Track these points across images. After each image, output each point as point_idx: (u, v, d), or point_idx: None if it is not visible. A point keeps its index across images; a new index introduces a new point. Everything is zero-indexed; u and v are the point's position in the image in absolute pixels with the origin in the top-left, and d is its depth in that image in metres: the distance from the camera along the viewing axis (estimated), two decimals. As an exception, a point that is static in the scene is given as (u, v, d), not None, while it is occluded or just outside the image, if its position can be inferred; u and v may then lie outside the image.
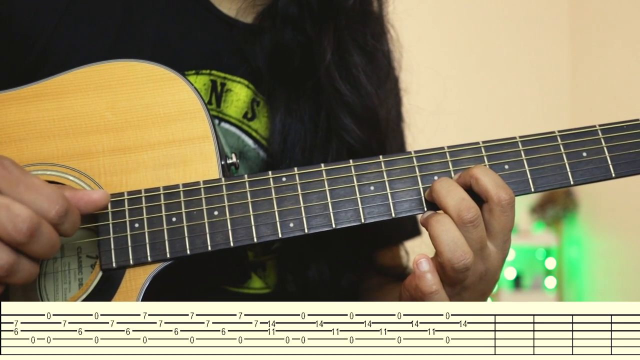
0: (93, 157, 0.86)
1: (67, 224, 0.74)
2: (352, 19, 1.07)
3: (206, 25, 1.06)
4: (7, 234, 0.70)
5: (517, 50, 4.35)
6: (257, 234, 0.83)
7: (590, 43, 4.28)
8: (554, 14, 4.45)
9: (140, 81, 0.88)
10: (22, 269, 0.73)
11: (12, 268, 0.71)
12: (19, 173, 0.73)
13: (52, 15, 0.98)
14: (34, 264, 0.74)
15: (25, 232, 0.70)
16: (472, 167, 0.84)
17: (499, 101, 4.30)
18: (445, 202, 0.81)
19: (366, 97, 1.07)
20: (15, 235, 0.70)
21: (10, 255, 0.71)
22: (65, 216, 0.73)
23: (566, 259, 4.22)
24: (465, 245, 0.80)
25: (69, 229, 0.75)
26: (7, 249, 0.71)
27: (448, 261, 0.80)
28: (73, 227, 0.75)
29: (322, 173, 0.85)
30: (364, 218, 0.84)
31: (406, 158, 0.86)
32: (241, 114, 1.06)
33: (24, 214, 0.70)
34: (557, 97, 4.40)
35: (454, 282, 0.82)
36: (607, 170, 0.86)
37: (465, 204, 0.81)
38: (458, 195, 0.81)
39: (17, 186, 0.72)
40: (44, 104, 0.87)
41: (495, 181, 0.82)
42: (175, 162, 0.86)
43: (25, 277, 0.73)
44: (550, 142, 0.87)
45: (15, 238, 0.70)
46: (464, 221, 0.80)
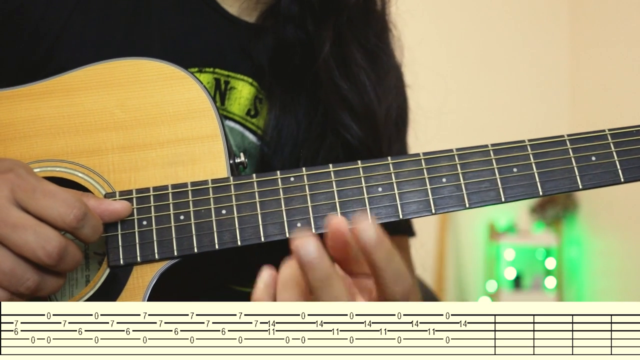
0: (102, 155, 0.86)
1: (87, 228, 0.75)
2: (355, 16, 1.08)
3: (210, 23, 1.06)
4: (36, 258, 0.72)
5: (517, 50, 4.35)
6: (265, 233, 0.83)
7: (590, 43, 4.28)
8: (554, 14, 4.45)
9: (150, 79, 0.88)
10: (49, 285, 0.75)
11: (38, 287, 0.73)
12: (34, 180, 0.73)
13: (61, 12, 0.98)
14: (61, 278, 0.76)
15: (56, 257, 0.72)
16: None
17: (499, 101, 4.29)
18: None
19: (364, 94, 1.07)
20: (46, 259, 0.72)
21: (34, 276, 0.73)
22: (83, 219, 0.74)
23: (566, 259, 4.23)
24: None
25: (90, 233, 0.76)
26: (32, 270, 0.73)
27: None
28: (94, 231, 0.76)
29: (331, 174, 0.85)
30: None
31: (415, 160, 0.86)
32: (244, 111, 1.07)
33: (54, 240, 0.72)
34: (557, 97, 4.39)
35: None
36: (615, 175, 0.86)
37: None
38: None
39: (34, 193, 0.72)
40: (54, 101, 0.87)
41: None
42: (183, 161, 0.86)
43: (51, 291, 0.76)
44: (559, 146, 0.87)
45: (44, 262, 0.72)
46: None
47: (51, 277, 0.75)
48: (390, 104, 1.14)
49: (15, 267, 0.72)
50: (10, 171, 0.74)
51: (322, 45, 1.04)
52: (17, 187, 0.72)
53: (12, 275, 0.72)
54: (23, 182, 0.73)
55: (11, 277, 0.72)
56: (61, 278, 0.76)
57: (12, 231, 0.71)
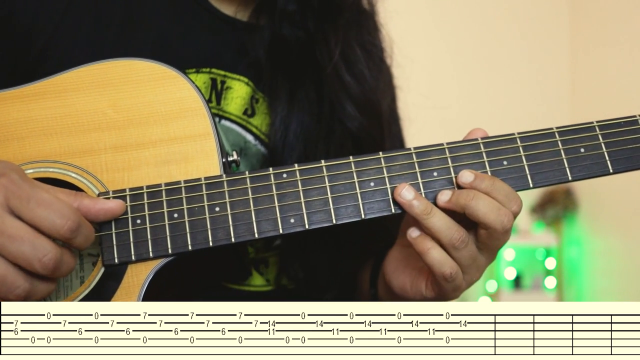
0: (95, 155, 0.86)
1: (80, 237, 0.75)
2: (351, 16, 1.10)
3: (205, 24, 1.07)
4: (32, 268, 0.72)
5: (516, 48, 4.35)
6: (258, 230, 0.83)
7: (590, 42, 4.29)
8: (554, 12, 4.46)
9: (141, 79, 0.89)
10: (40, 291, 0.75)
11: (28, 294, 0.73)
12: (28, 188, 0.73)
13: (53, 14, 0.99)
14: (52, 283, 0.76)
15: (51, 268, 0.72)
16: (462, 192, 0.84)
17: (497, 98, 4.29)
18: (432, 227, 0.84)
19: (369, 90, 1.09)
20: (41, 271, 0.72)
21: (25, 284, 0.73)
22: (77, 231, 0.74)
23: (566, 259, 4.22)
24: (452, 261, 0.84)
25: (82, 242, 0.76)
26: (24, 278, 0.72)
27: (439, 275, 0.84)
28: (86, 240, 0.76)
29: (323, 169, 0.86)
30: (364, 214, 0.85)
31: (406, 154, 0.87)
32: (241, 110, 1.07)
33: (50, 252, 0.72)
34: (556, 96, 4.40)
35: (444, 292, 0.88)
36: (604, 166, 0.87)
37: (452, 232, 0.83)
38: (444, 224, 0.83)
39: (28, 202, 0.72)
40: (46, 102, 0.88)
41: (490, 208, 0.83)
42: (176, 159, 0.87)
43: (42, 297, 0.75)
44: (548, 139, 0.88)
45: (40, 272, 0.72)
46: (455, 246, 0.83)
47: (42, 283, 0.74)
48: (386, 97, 1.16)
49: (7, 274, 0.71)
50: (3, 176, 0.73)
51: (332, 51, 1.06)
52: (12, 194, 0.72)
53: (2, 283, 0.71)
54: (17, 189, 0.72)
55: (1, 285, 0.71)
56: (52, 283, 0.76)
57: (9, 242, 0.71)
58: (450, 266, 0.83)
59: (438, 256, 0.83)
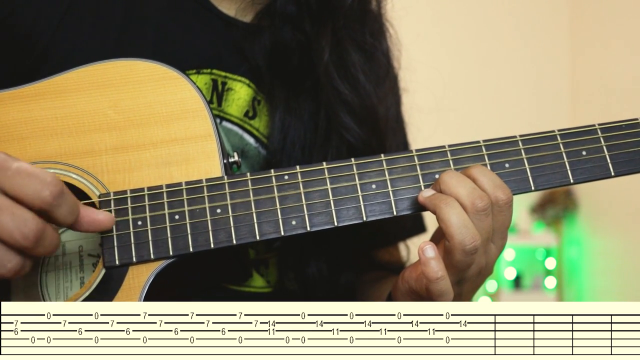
0: (96, 155, 0.86)
1: (64, 207, 0.73)
2: (351, 18, 1.08)
3: (206, 25, 1.07)
4: (14, 240, 0.70)
5: (517, 49, 4.35)
6: (260, 232, 0.83)
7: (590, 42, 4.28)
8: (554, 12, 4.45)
9: (142, 80, 0.88)
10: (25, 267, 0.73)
11: (21, 270, 0.72)
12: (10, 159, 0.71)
13: (53, 15, 0.98)
14: (32, 261, 0.74)
15: (32, 239, 0.70)
16: (469, 166, 0.85)
17: (499, 100, 4.30)
18: (457, 191, 0.82)
19: (365, 96, 1.07)
20: (22, 241, 0.70)
21: (16, 258, 0.71)
22: (60, 197, 0.72)
23: (566, 259, 4.22)
24: (474, 228, 0.81)
25: (66, 213, 0.74)
26: (13, 253, 0.71)
27: (459, 243, 0.80)
28: (71, 211, 0.74)
29: (324, 171, 0.86)
30: (365, 216, 0.85)
31: (407, 157, 0.86)
32: (242, 112, 1.07)
33: (31, 222, 0.70)
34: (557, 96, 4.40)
35: (458, 269, 0.83)
36: (606, 169, 0.87)
37: (477, 193, 0.82)
38: (470, 185, 0.82)
39: (6, 171, 0.70)
40: (46, 103, 0.88)
41: (493, 181, 0.83)
42: (177, 161, 0.87)
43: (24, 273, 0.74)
44: (550, 141, 0.87)
45: (21, 244, 0.71)
46: (477, 209, 0.81)
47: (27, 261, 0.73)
48: (390, 102, 1.14)
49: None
50: None
51: (322, 53, 1.05)
52: None
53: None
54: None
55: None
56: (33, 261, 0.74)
57: None
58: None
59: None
